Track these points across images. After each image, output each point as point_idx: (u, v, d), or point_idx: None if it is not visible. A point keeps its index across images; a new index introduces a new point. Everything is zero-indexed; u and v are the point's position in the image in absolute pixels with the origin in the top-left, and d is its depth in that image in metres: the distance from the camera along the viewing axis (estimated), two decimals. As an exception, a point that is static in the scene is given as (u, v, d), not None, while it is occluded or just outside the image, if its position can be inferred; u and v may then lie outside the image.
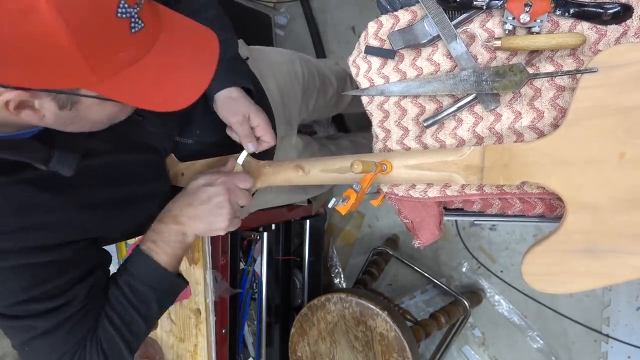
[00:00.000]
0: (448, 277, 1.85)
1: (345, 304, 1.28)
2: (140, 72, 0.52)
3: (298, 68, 1.11)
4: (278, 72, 1.04)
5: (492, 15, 0.71)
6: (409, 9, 0.77)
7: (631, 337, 1.58)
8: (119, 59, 0.49)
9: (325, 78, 1.21)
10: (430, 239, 0.81)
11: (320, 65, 1.22)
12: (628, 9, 0.63)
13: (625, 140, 0.58)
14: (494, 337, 1.79)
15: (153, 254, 0.70)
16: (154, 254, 0.70)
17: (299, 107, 1.11)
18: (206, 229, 0.71)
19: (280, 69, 1.06)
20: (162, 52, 0.53)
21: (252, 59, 0.97)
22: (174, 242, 0.70)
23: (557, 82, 0.68)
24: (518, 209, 0.73)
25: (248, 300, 1.76)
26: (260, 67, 1.00)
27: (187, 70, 0.56)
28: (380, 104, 0.82)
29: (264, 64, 1.02)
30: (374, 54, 0.80)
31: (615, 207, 0.59)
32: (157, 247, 0.70)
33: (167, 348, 1.40)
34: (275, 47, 1.20)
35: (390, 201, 0.82)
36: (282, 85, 1.04)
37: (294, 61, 1.12)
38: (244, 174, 0.76)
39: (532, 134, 0.69)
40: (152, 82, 0.53)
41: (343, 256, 2.04)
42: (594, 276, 0.62)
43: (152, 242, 0.70)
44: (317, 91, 1.17)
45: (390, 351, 1.23)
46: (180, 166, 0.81)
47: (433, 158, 0.69)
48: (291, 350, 1.40)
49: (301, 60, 1.14)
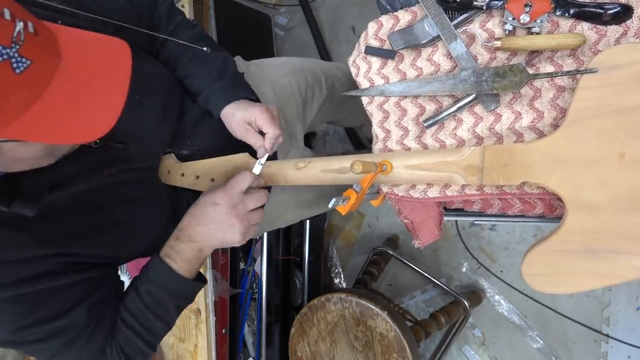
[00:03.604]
0: (448, 277, 1.85)
1: (345, 304, 1.28)
2: (43, 108, 0.49)
3: (301, 78, 1.10)
4: (278, 87, 1.04)
5: (492, 15, 0.71)
6: (409, 9, 0.77)
7: (631, 337, 1.58)
8: (12, 102, 0.47)
9: (335, 79, 1.20)
10: (430, 239, 0.81)
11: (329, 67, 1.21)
12: (628, 9, 0.63)
13: (625, 140, 0.58)
14: (494, 337, 1.79)
15: (172, 264, 0.72)
16: (173, 264, 0.72)
17: (301, 120, 1.11)
18: (221, 244, 0.73)
19: (280, 82, 1.05)
20: (63, 83, 0.50)
21: (249, 75, 0.97)
22: (192, 258, 0.73)
23: (557, 83, 0.68)
24: (518, 209, 0.73)
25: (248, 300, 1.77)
26: (258, 83, 0.99)
27: (98, 95, 0.53)
28: (380, 104, 0.82)
29: (263, 79, 1.02)
30: (374, 54, 0.80)
31: (615, 208, 0.59)
32: (175, 259, 0.73)
33: (167, 348, 1.40)
34: (279, 58, 1.19)
35: (390, 201, 0.82)
36: (282, 101, 1.03)
37: (296, 72, 1.10)
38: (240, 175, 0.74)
39: (532, 134, 0.69)
40: (60, 116, 0.50)
41: (343, 256, 2.04)
42: (594, 276, 0.62)
43: (169, 256, 0.73)
44: (324, 97, 1.16)
45: (390, 351, 1.23)
46: (180, 167, 0.81)
47: (433, 158, 0.69)
48: (291, 350, 1.40)
49: (305, 69, 1.13)
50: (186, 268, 0.73)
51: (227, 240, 0.73)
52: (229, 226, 0.71)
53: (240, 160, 0.80)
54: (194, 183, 0.81)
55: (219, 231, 0.72)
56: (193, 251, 0.73)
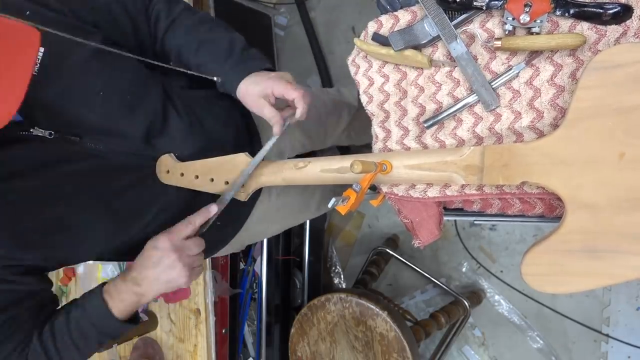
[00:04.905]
0: (448, 277, 1.85)
1: (345, 304, 1.28)
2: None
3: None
4: None
5: (492, 15, 0.71)
6: (408, 9, 0.77)
7: (631, 337, 1.58)
8: None
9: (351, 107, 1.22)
10: (430, 239, 0.81)
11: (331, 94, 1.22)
12: (628, 9, 0.63)
13: (624, 140, 0.58)
14: (494, 337, 1.79)
15: (109, 301, 0.73)
16: (110, 302, 0.73)
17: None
18: (166, 288, 0.74)
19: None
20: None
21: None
22: (129, 300, 0.74)
23: (557, 82, 0.68)
24: (518, 209, 0.73)
25: (248, 300, 1.77)
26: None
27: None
28: (380, 104, 0.82)
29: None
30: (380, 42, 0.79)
31: (615, 207, 0.59)
32: (114, 297, 0.73)
33: (166, 348, 1.40)
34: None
35: (390, 201, 0.82)
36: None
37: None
38: (183, 224, 0.75)
39: (532, 134, 0.69)
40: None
41: (343, 256, 2.04)
42: (593, 276, 0.62)
43: (109, 292, 0.73)
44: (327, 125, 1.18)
45: (390, 351, 1.23)
46: (179, 166, 0.81)
47: (433, 158, 0.69)
48: (291, 351, 1.40)
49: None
50: (121, 308, 0.73)
51: (173, 282, 0.74)
52: (171, 270, 0.73)
53: (239, 160, 0.80)
54: (194, 183, 0.81)
55: (164, 274, 0.73)
56: (134, 295, 0.73)
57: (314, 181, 0.78)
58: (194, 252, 0.75)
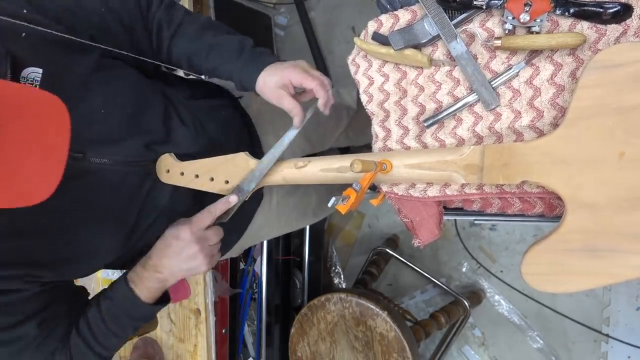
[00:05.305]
0: (448, 277, 1.85)
1: (345, 304, 1.28)
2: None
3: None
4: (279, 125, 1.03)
5: (492, 14, 0.71)
6: (408, 8, 0.77)
7: (631, 337, 1.58)
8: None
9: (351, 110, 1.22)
10: (430, 238, 0.81)
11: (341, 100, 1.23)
12: (628, 8, 0.63)
13: (625, 139, 0.58)
14: (494, 337, 1.79)
15: (135, 289, 0.76)
16: (135, 289, 0.76)
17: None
18: (186, 274, 0.78)
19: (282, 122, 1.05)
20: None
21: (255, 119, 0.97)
22: (154, 286, 0.76)
23: (557, 82, 0.68)
24: (518, 208, 0.73)
25: (248, 300, 1.77)
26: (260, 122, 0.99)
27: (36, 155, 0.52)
28: (380, 103, 0.82)
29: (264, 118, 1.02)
30: (380, 41, 0.79)
31: (615, 207, 0.59)
32: (138, 285, 0.76)
33: (166, 348, 1.40)
34: None
35: (390, 200, 0.82)
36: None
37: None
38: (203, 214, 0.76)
39: (532, 133, 0.69)
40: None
41: (343, 256, 2.04)
42: (593, 275, 0.62)
43: (133, 281, 0.76)
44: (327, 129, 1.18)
45: (390, 351, 1.23)
46: (179, 166, 0.81)
47: (433, 157, 0.69)
48: (291, 351, 1.40)
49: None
50: (146, 294, 0.76)
51: (194, 270, 0.77)
52: (193, 260, 0.75)
53: (239, 160, 0.80)
54: (194, 182, 0.81)
55: (185, 264, 0.75)
56: (156, 281, 0.76)
57: (314, 180, 0.78)
58: (214, 242, 0.77)
